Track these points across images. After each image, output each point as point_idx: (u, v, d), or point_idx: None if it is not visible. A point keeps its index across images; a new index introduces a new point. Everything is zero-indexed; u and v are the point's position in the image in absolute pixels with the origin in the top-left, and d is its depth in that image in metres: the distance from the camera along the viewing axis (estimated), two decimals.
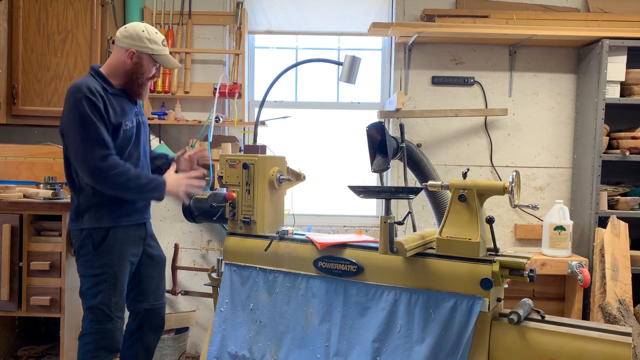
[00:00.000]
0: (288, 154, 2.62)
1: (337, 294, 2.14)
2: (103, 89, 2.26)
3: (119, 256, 2.34)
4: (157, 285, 2.58)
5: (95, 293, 2.31)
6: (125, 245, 2.36)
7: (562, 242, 3.14)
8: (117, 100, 2.30)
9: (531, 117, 3.50)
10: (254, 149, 2.52)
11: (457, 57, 3.49)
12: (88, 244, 2.30)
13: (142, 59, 2.31)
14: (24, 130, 3.45)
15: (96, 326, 2.32)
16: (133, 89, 2.35)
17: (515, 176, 1.91)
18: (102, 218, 2.30)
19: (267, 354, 2.23)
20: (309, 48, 3.73)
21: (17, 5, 3.01)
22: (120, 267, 2.34)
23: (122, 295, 2.38)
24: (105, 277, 2.31)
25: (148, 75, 2.35)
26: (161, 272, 2.61)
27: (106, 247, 2.30)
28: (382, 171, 2.27)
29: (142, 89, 2.36)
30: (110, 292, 2.32)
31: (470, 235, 1.92)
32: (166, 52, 2.36)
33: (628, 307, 2.92)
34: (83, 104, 2.16)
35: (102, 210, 2.30)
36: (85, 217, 2.31)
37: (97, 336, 2.31)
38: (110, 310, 2.32)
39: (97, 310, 2.31)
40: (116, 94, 2.32)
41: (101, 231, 2.30)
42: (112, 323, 2.34)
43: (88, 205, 2.30)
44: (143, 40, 2.29)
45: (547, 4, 3.45)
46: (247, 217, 2.35)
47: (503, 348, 1.89)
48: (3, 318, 2.85)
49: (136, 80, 2.33)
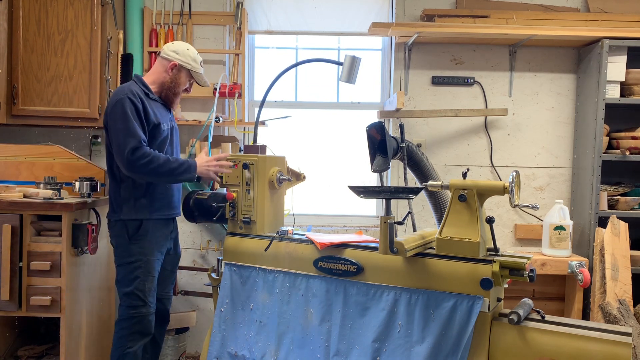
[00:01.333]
0: (288, 154, 2.62)
1: (337, 294, 2.14)
2: (144, 93, 2.52)
3: (152, 245, 2.51)
4: (168, 277, 2.73)
5: (131, 279, 2.48)
6: (156, 236, 2.54)
7: (562, 242, 3.15)
8: (155, 105, 2.55)
9: (531, 117, 3.50)
10: (254, 149, 2.52)
11: (457, 57, 3.49)
12: (124, 234, 2.50)
13: (181, 72, 2.59)
14: (24, 130, 3.45)
15: (131, 311, 2.48)
16: (169, 97, 2.62)
17: (515, 176, 1.91)
18: (139, 210, 2.49)
19: (267, 353, 2.23)
20: (309, 48, 3.73)
21: (17, 5, 3.01)
22: (152, 255, 2.52)
23: (154, 283, 2.54)
24: (140, 264, 2.48)
25: (183, 87, 2.62)
26: (174, 267, 2.78)
27: (140, 237, 2.49)
28: (382, 171, 2.27)
29: (176, 98, 2.65)
30: (144, 278, 2.49)
31: (470, 235, 1.92)
32: (202, 71, 2.65)
33: (628, 307, 2.92)
34: (124, 103, 2.41)
35: (139, 202, 2.50)
36: (124, 208, 2.50)
37: (132, 321, 2.48)
38: (145, 295, 2.49)
39: (133, 295, 2.48)
40: (155, 99, 2.58)
41: (136, 222, 2.49)
42: (146, 307, 2.50)
43: (127, 197, 2.50)
44: (186, 57, 2.59)
45: (547, 4, 3.45)
46: (247, 217, 2.35)
47: (503, 348, 1.89)
48: (3, 318, 2.85)
49: (172, 90, 2.61)
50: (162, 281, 2.69)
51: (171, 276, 2.78)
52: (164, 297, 2.73)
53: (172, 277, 2.80)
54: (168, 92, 2.60)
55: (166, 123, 2.58)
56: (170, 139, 2.62)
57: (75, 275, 2.72)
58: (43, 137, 3.41)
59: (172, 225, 2.68)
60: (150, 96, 2.55)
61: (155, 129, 2.50)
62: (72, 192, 2.86)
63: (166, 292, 2.76)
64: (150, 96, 2.55)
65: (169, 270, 2.73)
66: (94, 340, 2.96)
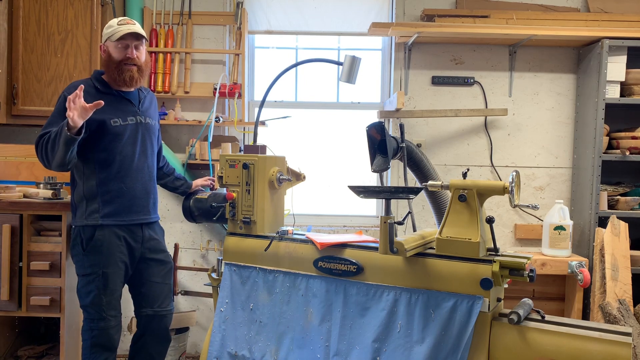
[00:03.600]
0: (288, 154, 2.62)
1: (337, 294, 2.14)
2: (94, 87, 2.36)
3: (108, 257, 2.35)
4: (159, 291, 2.53)
5: (87, 292, 2.36)
6: (114, 245, 2.36)
7: (562, 242, 3.14)
8: (109, 100, 2.33)
9: (531, 117, 3.50)
10: (254, 149, 2.52)
11: (457, 57, 3.49)
12: (78, 243, 2.36)
13: (108, 48, 2.38)
14: (24, 130, 3.45)
15: (90, 324, 2.37)
16: (112, 76, 2.38)
17: (515, 176, 1.91)
18: (90, 215, 2.34)
19: (267, 354, 2.22)
20: (309, 48, 3.73)
21: (17, 5, 3.01)
22: (109, 268, 2.35)
23: (115, 295, 2.40)
24: (94, 277, 2.34)
25: (118, 57, 2.35)
26: (164, 278, 2.55)
27: (93, 247, 2.33)
28: (382, 171, 2.27)
29: (125, 75, 2.36)
30: (100, 291, 2.34)
31: (470, 235, 1.92)
32: (121, 28, 2.34)
33: (628, 307, 2.92)
34: (59, 100, 2.32)
35: (90, 207, 2.35)
36: (77, 213, 2.38)
37: (91, 333, 2.37)
38: (102, 310, 2.35)
39: (90, 309, 2.36)
40: (110, 93, 2.39)
41: (88, 229, 2.34)
42: (105, 322, 2.36)
43: (79, 201, 2.37)
44: (105, 33, 2.38)
45: (547, 4, 3.45)
46: (247, 217, 2.35)
47: (503, 348, 1.89)
48: (3, 318, 2.85)
49: (108, 67, 2.38)
50: (155, 297, 2.49)
51: (165, 288, 2.53)
52: (159, 314, 2.51)
53: (167, 289, 2.55)
54: (110, 74, 2.37)
55: (120, 118, 2.36)
56: (134, 137, 2.39)
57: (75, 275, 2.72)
58: None
59: (139, 233, 2.43)
60: (102, 90, 2.37)
61: (103, 125, 2.30)
62: None
63: (163, 307, 2.52)
64: (101, 90, 2.36)
65: (159, 282, 2.51)
66: None
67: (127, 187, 2.38)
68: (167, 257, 2.59)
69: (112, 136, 2.34)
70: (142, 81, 2.44)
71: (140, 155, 2.43)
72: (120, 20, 2.37)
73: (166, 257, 2.58)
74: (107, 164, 2.35)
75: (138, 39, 2.38)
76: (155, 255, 2.52)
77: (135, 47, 2.37)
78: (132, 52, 2.36)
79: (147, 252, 2.49)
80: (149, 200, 2.49)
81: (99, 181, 2.34)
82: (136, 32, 2.36)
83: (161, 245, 2.56)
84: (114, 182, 2.36)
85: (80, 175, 2.37)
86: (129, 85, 2.40)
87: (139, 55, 2.39)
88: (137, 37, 2.38)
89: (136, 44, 2.38)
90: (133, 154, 2.40)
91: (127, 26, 2.34)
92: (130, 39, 2.35)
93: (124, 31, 2.32)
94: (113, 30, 2.34)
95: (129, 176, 2.39)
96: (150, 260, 2.50)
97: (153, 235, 2.51)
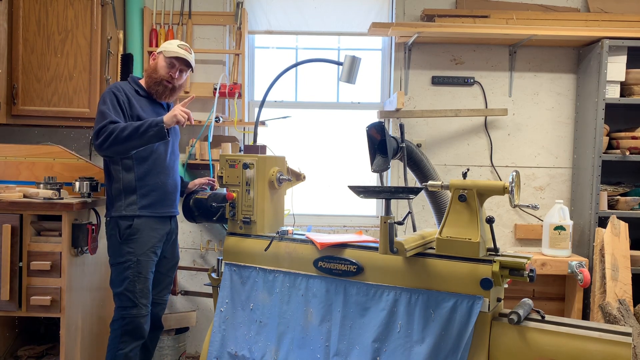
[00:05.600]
0: (288, 154, 2.62)
1: (337, 294, 2.14)
2: (134, 90, 2.55)
3: (143, 245, 2.49)
4: (161, 281, 2.68)
5: (122, 280, 2.47)
6: (148, 235, 2.51)
7: (562, 242, 3.14)
8: (145, 102, 2.56)
9: (531, 117, 3.50)
10: (254, 149, 2.52)
11: (457, 57, 3.49)
12: (115, 232, 2.49)
13: (158, 57, 2.57)
14: (24, 130, 3.45)
15: (122, 312, 2.48)
16: (151, 86, 2.57)
17: (515, 176, 1.91)
18: (128, 207, 2.49)
19: (267, 354, 2.23)
20: (309, 48, 3.73)
21: (17, 5, 3.01)
22: (143, 255, 2.49)
23: (147, 284, 2.51)
24: (130, 264, 2.47)
25: (163, 73, 2.54)
26: (169, 271, 2.73)
27: (131, 236, 2.48)
28: (382, 171, 2.27)
29: (158, 87, 2.56)
30: (135, 278, 2.47)
31: (470, 235, 1.92)
32: (178, 50, 2.54)
33: (628, 307, 2.92)
34: (105, 96, 2.46)
35: (128, 199, 2.49)
36: (116, 205, 2.51)
37: (123, 322, 2.48)
38: (135, 297, 2.47)
39: (123, 296, 2.47)
40: (145, 97, 2.58)
41: (126, 220, 2.48)
42: (137, 309, 2.48)
43: (118, 194, 2.50)
44: (164, 46, 2.58)
45: (547, 4, 3.45)
46: (247, 217, 2.35)
47: (503, 348, 1.89)
48: (3, 318, 2.85)
49: (152, 77, 2.56)
50: (156, 284, 2.64)
51: (165, 280, 2.71)
52: (154, 301, 2.65)
53: (167, 281, 2.72)
54: (149, 81, 2.57)
55: None
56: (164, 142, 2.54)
57: (75, 275, 2.72)
58: (43, 137, 3.41)
59: (168, 224, 2.63)
60: (141, 93, 2.57)
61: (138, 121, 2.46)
62: (72, 192, 2.85)
63: (160, 296, 2.69)
64: (140, 93, 2.56)
65: (163, 273, 2.68)
66: (94, 340, 2.96)
67: (161, 182, 2.55)
68: (177, 252, 2.78)
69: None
70: (170, 99, 2.66)
71: (170, 154, 2.62)
72: (181, 44, 2.57)
73: (177, 252, 2.77)
74: (145, 160, 2.51)
75: (187, 66, 2.59)
76: (171, 248, 2.70)
77: (180, 70, 2.57)
78: (175, 73, 2.56)
79: (169, 245, 2.66)
80: (177, 195, 2.68)
81: (137, 176, 2.50)
82: (188, 60, 2.57)
83: (177, 241, 2.76)
84: (151, 177, 2.53)
85: (118, 170, 2.50)
86: (159, 98, 2.60)
87: (179, 78, 2.59)
88: (187, 65, 2.59)
89: (182, 69, 2.58)
90: (165, 153, 2.58)
91: (185, 52, 2.56)
92: (180, 63, 2.56)
93: (179, 54, 2.54)
94: (171, 48, 2.55)
95: (163, 172, 2.57)
96: (167, 253, 2.66)
97: (174, 229, 2.69)
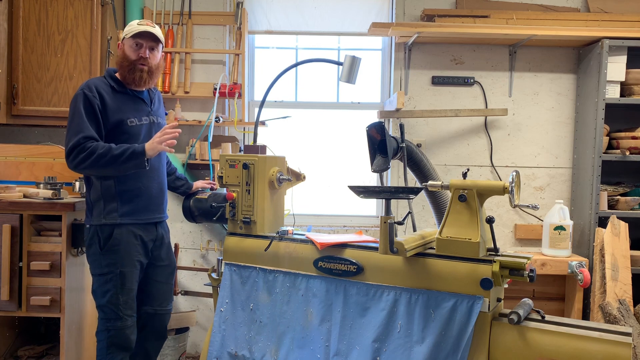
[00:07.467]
0: (288, 154, 2.62)
1: (337, 294, 2.14)
2: (110, 87, 2.36)
3: (126, 256, 2.36)
4: (162, 291, 2.56)
5: (104, 292, 2.35)
6: (131, 244, 2.37)
7: (562, 242, 3.14)
8: (124, 99, 2.38)
9: (531, 117, 3.50)
10: (254, 149, 2.52)
11: (457, 57, 3.49)
12: (95, 242, 2.34)
13: (124, 45, 2.39)
14: (24, 130, 3.45)
15: (107, 324, 2.36)
16: (124, 76, 2.38)
17: (515, 176, 1.91)
18: (108, 215, 2.34)
19: (267, 354, 2.22)
20: (309, 48, 3.73)
21: (17, 5, 3.01)
22: (126, 267, 2.36)
23: (131, 295, 2.40)
24: (111, 277, 2.34)
25: (132, 56, 2.36)
26: (167, 278, 2.59)
27: (112, 247, 2.33)
28: (382, 171, 2.27)
29: (135, 74, 2.36)
30: (118, 291, 2.34)
31: (470, 235, 1.92)
32: (139, 27, 2.36)
33: (628, 307, 2.92)
34: (76, 99, 2.29)
35: (108, 206, 2.34)
36: (94, 212, 2.36)
37: (108, 334, 2.37)
38: (119, 309, 2.35)
39: (106, 309, 2.36)
40: (124, 92, 2.40)
41: (106, 228, 2.33)
42: (122, 321, 2.37)
43: (97, 200, 2.35)
44: (124, 31, 2.40)
45: (547, 4, 3.45)
46: (247, 217, 2.35)
47: (503, 348, 1.89)
48: (3, 318, 2.85)
49: (123, 66, 2.37)
50: (157, 296, 2.53)
51: (166, 289, 2.57)
52: (159, 313, 2.55)
53: (168, 290, 2.59)
54: (122, 71, 2.37)
55: (136, 118, 2.39)
56: (148, 137, 2.38)
57: (75, 275, 2.72)
58: (43, 137, 3.41)
59: (153, 231, 2.47)
60: (117, 89, 2.38)
61: (120, 125, 2.33)
62: (72, 192, 2.86)
63: (163, 306, 2.56)
64: (117, 89, 2.38)
65: (162, 282, 2.55)
66: (94, 340, 2.95)
67: (144, 186, 2.39)
68: (173, 258, 2.63)
69: (129, 136, 2.36)
70: (150, 83, 2.45)
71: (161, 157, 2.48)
72: (141, 21, 2.39)
73: (171, 258, 2.61)
74: None
75: (154, 40, 2.39)
76: (163, 255, 2.55)
77: (149, 48, 2.39)
78: (145, 52, 2.37)
79: (157, 252, 2.51)
80: (163, 199, 2.52)
81: (117, 180, 2.34)
82: (152, 32, 2.37)
83: (169, 246, 2.60)
84: (132, 181, 2.36)
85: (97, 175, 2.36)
86: (138, 85, 2.41)
87: (151, 57, 2.39)
88: (154, 39, 2.39)
89: (151, 45, 2.39)
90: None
91: (146, 27, 2.36)
92: (146, 39, 2.37)
93: (140, 29, 2.34)
94: (131, 28, 2.36)
95: (146, 176, 2.39)
96: (157, 259, 2.52)
97: (164, 235, 2.55)
